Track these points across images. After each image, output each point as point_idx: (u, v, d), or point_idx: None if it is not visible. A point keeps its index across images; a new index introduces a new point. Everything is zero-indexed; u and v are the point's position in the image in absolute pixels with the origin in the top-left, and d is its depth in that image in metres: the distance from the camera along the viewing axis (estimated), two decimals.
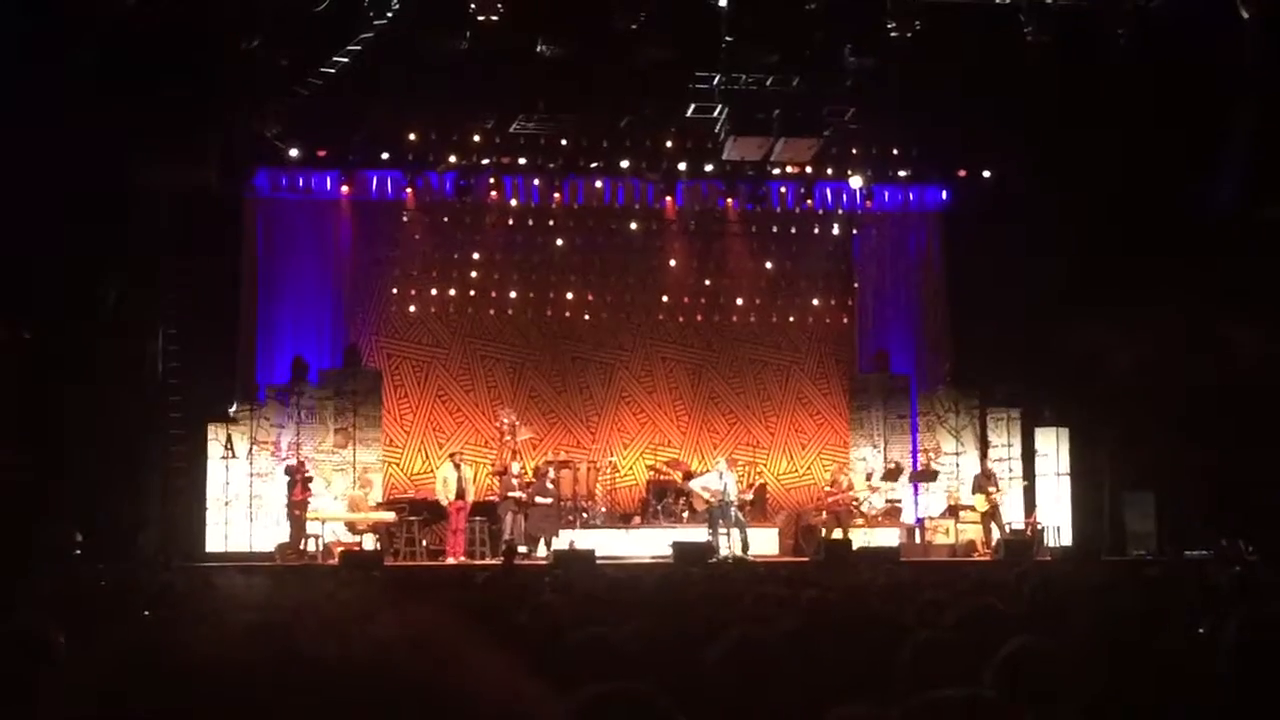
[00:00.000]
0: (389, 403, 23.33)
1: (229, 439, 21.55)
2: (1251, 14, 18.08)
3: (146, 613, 7.84)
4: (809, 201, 24.49)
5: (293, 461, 21.43)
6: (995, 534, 21.99)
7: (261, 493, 21.72)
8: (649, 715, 2.78)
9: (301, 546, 20.56)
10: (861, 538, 21.05)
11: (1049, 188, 22.13)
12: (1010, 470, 23.38)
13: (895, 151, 24.08)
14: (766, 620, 5.87)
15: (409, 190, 23.51)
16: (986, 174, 23.82)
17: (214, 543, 21.35)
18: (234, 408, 22.05)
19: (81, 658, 1.03)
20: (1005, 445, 23.65)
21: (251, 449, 21.76)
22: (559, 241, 24.44)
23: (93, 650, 1.04)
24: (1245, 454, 21.10)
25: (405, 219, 24.02)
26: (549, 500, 21.48)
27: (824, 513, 22.67)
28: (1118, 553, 21.97)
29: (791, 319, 25.13)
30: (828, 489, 22.89)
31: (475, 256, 24.30)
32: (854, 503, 22.78)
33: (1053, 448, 23.53)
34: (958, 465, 23.70)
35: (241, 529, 21.60)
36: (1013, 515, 22.79)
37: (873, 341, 25.10)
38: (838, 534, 21.60)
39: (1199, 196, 21.07)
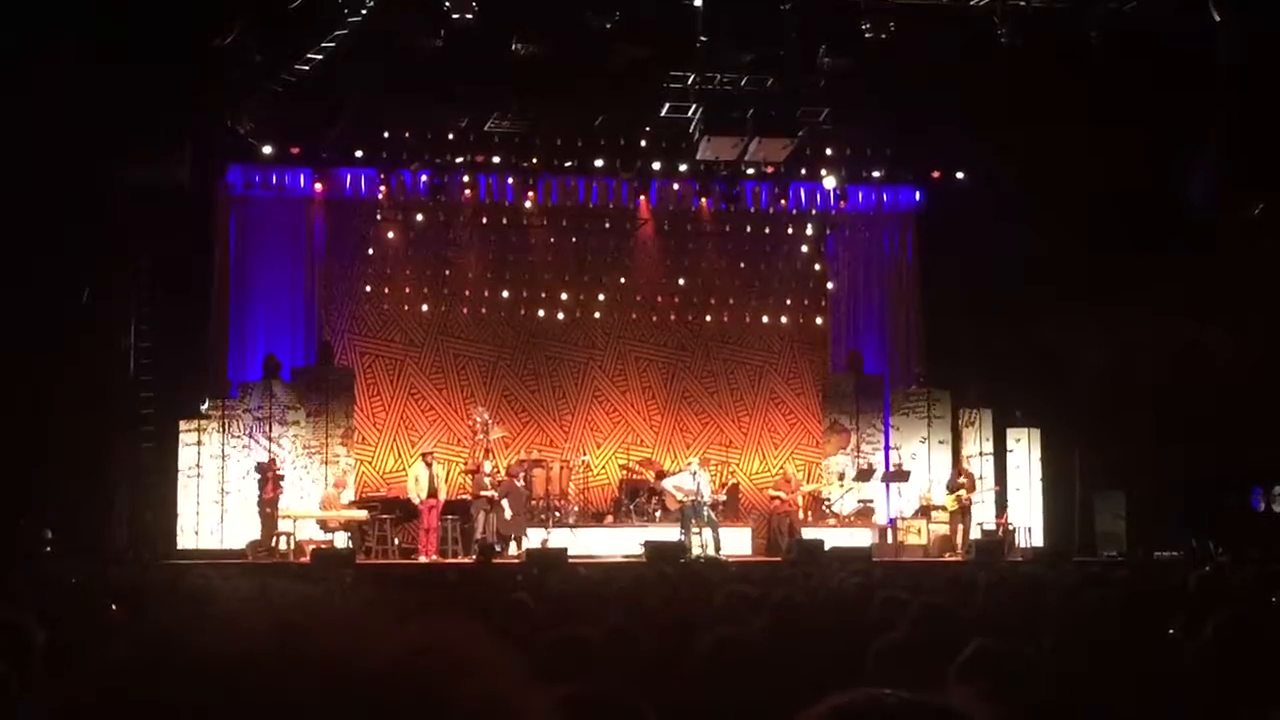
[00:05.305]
0: (361, 401, 23.30)
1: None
2: (1223, 15, 18.18)
3: (114, 606, 7.83)
4: (783, 202, 24.50)
5: (264, 459, 21.39)
6: (967, 534, 22.06)
7: (232, 490, 21.65)
8: (622, 715, 2.80)
9: (273, 544, 20.52)
10: (834, 537, 21.08)
11: (1022, 190, 22.20)
12: (981, 470, 23.45)
13: (869, 152, 24.12)
14: (738, 620, 5.90)
15: (382, 188, 23.46)
16: (960, 175, 23.88)
17: (185, 540, 21.32)
18: (205, 405, 21.99)
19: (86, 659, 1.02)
20: (977, 445, 23.74)
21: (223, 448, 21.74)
22: (532, 240, 24.44)
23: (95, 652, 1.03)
24: (1216, 455, 21.22)
25: (379, 217, 23.96)
26: (516, 502, 21.37)
27: (771, 515, 22.74)
28: (1088, 553, 22.04)
29: (765, 319, 25.12)
30: (771, 491, 22.99)
31: (449, 255, 24.27)
32: (814, 500, 22.93)
33: (1024, 448, 23.62)
34: (929, 465, 23.77)
35: (213, 526, 21.55)
36: (984, 515, 22.87)
37: (846, 342, 25.15)
38: (807, 532, 21.65)
39: (1173, 197, 21.18)
